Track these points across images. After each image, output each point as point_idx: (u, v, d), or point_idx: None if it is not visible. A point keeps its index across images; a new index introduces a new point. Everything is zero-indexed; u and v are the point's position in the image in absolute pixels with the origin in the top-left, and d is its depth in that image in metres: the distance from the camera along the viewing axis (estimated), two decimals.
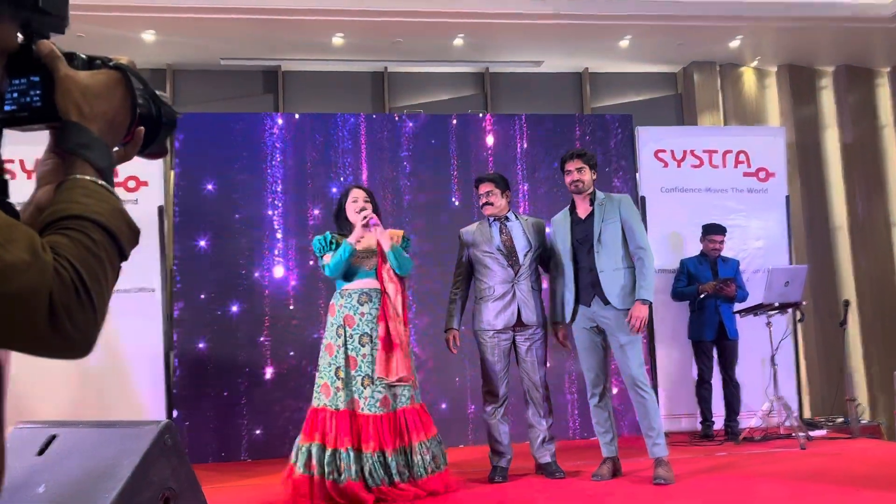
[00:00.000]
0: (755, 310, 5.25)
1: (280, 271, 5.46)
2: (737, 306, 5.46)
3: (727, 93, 7.72)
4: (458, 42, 6.95)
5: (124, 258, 0.72)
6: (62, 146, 0.75)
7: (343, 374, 3.64)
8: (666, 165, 6.13)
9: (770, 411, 5.23)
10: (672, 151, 6.15)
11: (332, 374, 3.66)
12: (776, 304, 5.11)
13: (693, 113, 7.61)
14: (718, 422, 5.49)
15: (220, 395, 5.24)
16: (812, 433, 5.25)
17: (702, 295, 5.41)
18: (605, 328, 3.93)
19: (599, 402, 4.00)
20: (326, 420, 3.60)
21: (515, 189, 5.78)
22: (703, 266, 5.56)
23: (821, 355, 7.26)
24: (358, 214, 3.75)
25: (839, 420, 5.94)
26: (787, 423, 5.10)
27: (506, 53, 7.30)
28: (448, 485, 3.67)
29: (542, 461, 4.09)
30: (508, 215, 4.24)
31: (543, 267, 4.25)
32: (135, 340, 5.20)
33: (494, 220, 4.21)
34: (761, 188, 6.20)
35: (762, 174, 6.22)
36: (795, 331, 6.00)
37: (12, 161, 5.02)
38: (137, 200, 5.34)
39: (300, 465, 3.57)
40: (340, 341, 3.69)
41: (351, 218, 3.81)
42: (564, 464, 4.16)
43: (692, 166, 6.15)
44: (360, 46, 6.95)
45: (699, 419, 5.53)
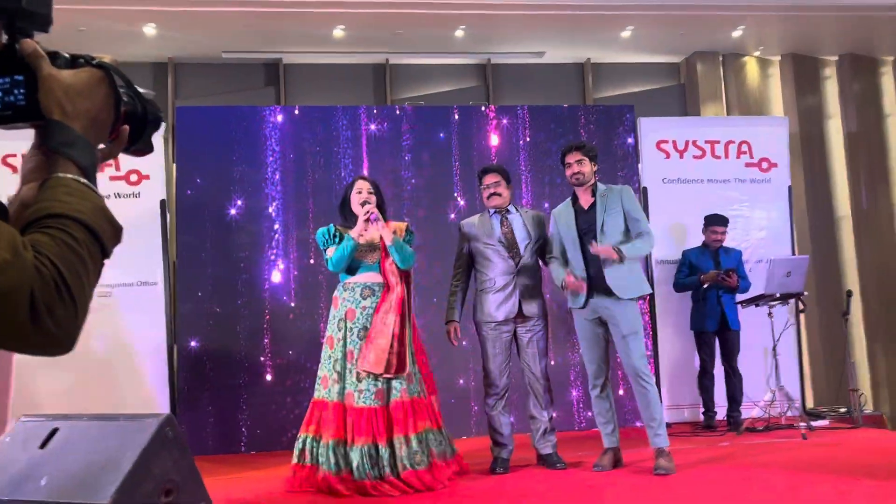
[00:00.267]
0: (757, 300, 5.25)
1: (280, 265, 5.47)
2: (739, 297, 5.46)
3: (730, 83, 7.69)
4: (460, 33, 6.93)
5: (106, 256, 0.73)
6: (46, 144, 0.76)
7: (340, 367, 3.66)
8: (668, 156, 6.12)
9: (772, 402, 5.23)
10: (674, 142, 6.14)
11: (330, 367, 3.69)
12: (777, 295, 5.11)
13: (696, 103, 7.58)
14: (721, 412, 5.49)
15: (221, 389, 5.26)
16: (814, 423, 5.26)
17: (704, 285, 5.41)
18: (608, 319, 3.94)
19: (601, 394, 4.01)
20: (322, 412, 3.64)
21: (518, 181, 5.78)
22: (705, 257, 5.56)
23: (824, 346, 7.25)
24: (361, 207, 3.76)
25: (842, 410, 5.94)
26: (789, 414, 5.10)
27: (507, 44, 7.27)
28: (438, 478, 3.59)
29: (544, 452, 4.11)
30: (510, 207, 4.25)
31: (543, 259, 4.26)
32: (138, 334, 5.24)
33: (496, 213, 4.22)
34: (764, 178, 6.19)
35: (765, 164, 6.20)
36: (798, 321, 5.99)
37: (14, 155, 5.03)
38: (139, 194, 5.36)
39: (295, 455, 3.66)
40: (341, 334, 3.70)
41: (355, 209, 3.82)
42: (567, 455, 4.18)
43: (694, 157, 6.14)
44: (362, 38, 6.94)
45: (701, 410, 5.54)
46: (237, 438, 5.23)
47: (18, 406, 3.24)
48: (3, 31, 0.76)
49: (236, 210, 5.47)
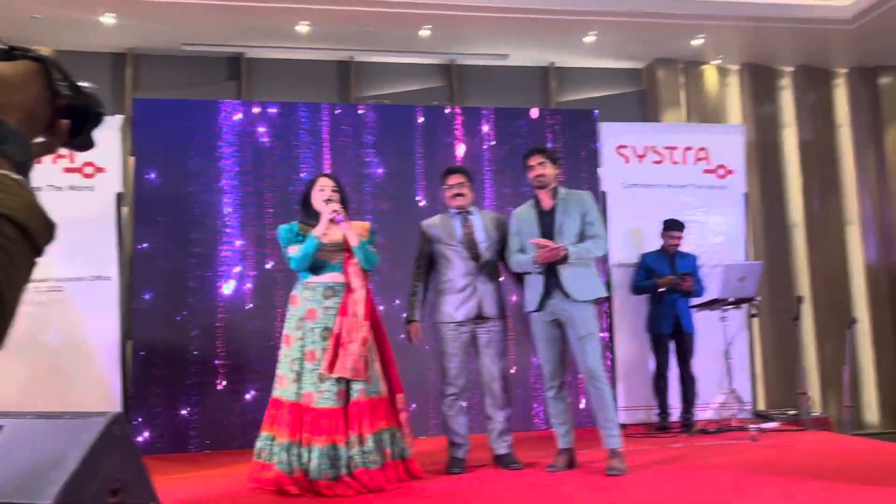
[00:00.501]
0: (711, 305, 5.36)
1: (236, 263, 5.41)
2: (693, 301, 5.56)
3: (690, 90, 7.82)
4: (425, 33, 6.93)
5: (38, 254, 0.71)
6: None
7: (297, 367, 3.63)
8: (628, 161, 6.20)
9: (724, 404, 5.34)
10: (634, 147, 6.23)
11: (287, 367, 3.66)
12: (731, 300, 5.21)
13: (656, 109, 7.70)
14: (675, 414, 5.59)
15: (173, 387, 5.18)
16: (764, 425, 5.38)
17: (660, 289, 5.49)
18: (565, 321, 3.97)
19: (557, 395, 4.05)
20: (278, 411, 3.61)
21: (480, 182, 5.80)
22: (662, 261, 5.65)
23: (775, 350, 7.42)
24: (325, 204, 3.72)
25: (791, 413, 6.10)
26: (741, 416, 5.21)
27: (472, 46, 7.29)
28: (390, 479, 3.60)
29: (499, 452, 4.13)
30: (471, 209, 4.27)
31: (503, 261, 4.28)
32: (91, 329, 5.13)
33: (457, 213, 4.23)
34: (720, 185, 6.31)
35: (721, 171, 6.32)
36: (750, 326, 6.13)
37: None
38: (94, 187, 5.25)
39: (255, 453, 3.63)
40: (300, 333, 3.67)
41: (317, 207, 3.78)
42: (524, 455, 4.21)
43: (653, 162, 6.24)
44: (326, 35, 6.89)
45: (656, 411, 5.63)
46: (188, 438, 5.16)
47: None
48: None
49: (193, 205, 5.39)
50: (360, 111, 5.83)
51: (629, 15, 6.77)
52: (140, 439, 4.92)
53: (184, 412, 5.17)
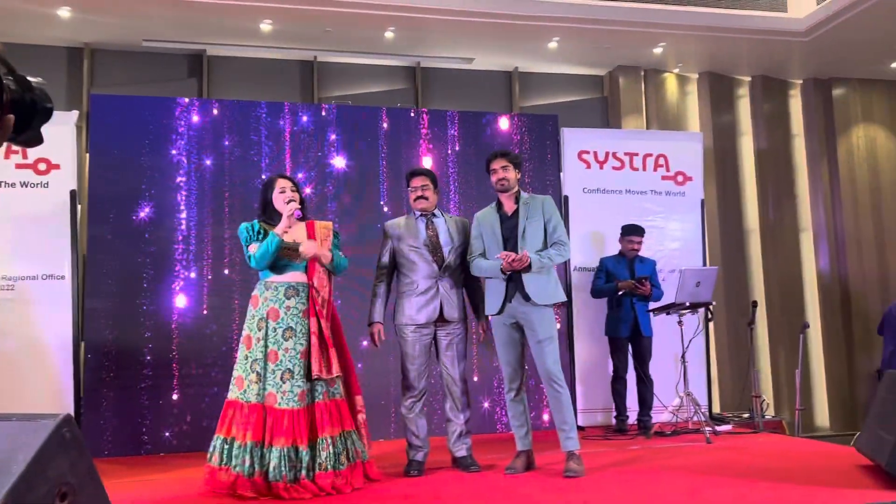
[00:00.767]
0: (668, 309, 5.44)
1: (192, 263, 5.32)
2: (651, 305, 5.64)
3: (650, 97, 7.95)
4: (390, 35, 6.93)
5: None
6: None
7: (259, 368, 3.59)
8: (589, 166, 6.28)
9: (680, 406, 5.43)
10: (595, 153, 6.30)
11: (248, 367, 3.61)
12: (687, 304, 5.30)
13: (618, 116, 7.80)
14: (632, 416, 5.66)
15: (126, 389, 5.07)
16: (719, 428, 5.49)
17: (620, 292, 5.56)
18: (525, 324, 4.00)
19: (515, 397, 4.07)
20: (236, 413, 3.56)
21: (446, 184, 5.81)
22: (621, 265, 5.72)
23: (730, 353, 7.57)
24: (287, 205, 3.71)
25: (745, 416, 6.22)
26: (696, 418, 5.30)
27: (437, 49, 7.32)
28: (350, 482, 3.58)
29: (458, 455, 4.14)
30: (435, 211, 4.27)
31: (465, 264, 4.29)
32: (44, 329, 5.01)
33: (421, 215, 4.23)
34: (679, 191, 6.42)
35: (680, 178, 6.43)
36: (707, 330, 6.24)
37: None
38: (48, 184, 5.13)
39: (209, 457, 3.58)
40: (261, 334, 3.63)
41: (279, 208, 3.77)
42: (484, 457, 4.23)
43: (614, 168, 6.33)
44: (289, 34, 6.85)
45: (614, 414, 5.70)
46: (142, 440, 5.06)
47: None
48: None
49: (149, 204, 5.29)
50: (323, 112, 5.79)
51: (591, 22, 6.86)
52: (92, 442, 4.81)
53: (137, 415, 5.07)
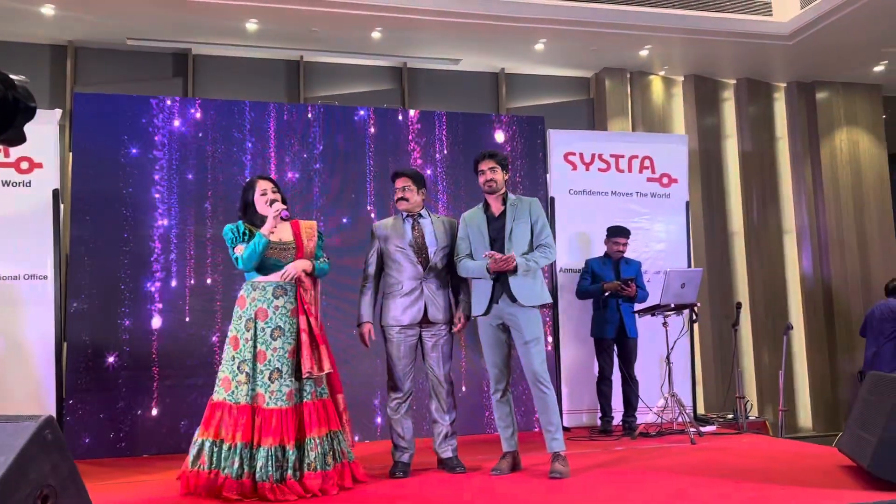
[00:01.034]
0: (653, 310, 5.46)
1: (174, 264, 5.28)
2: (636, 306, 5.67)
3: (636, 99, 7.99)
4: (377, 35, 6.92)
5: None
6: None
7: (248, 368, 3.57)
8: (575, 168, 6.30)
9: (665, 407, 5.46)
10: (581, 154, 6.33)
11: (235, 368, 3.58)
12: (672, 305, 5.33)
13: (604, 118, 7.84)
14: (617, 417, 5.68)
15: (109, 390, 5.03)
16: (703, 429, 5.52)
17: (606, 293, 5.58)
18: (511, 325, 4.00)
19: (501, 398, 4.08)
20: (224, 414, 3.53)
21: (433, 185, 5.81)
22: (607, 267, 5.74)
23: (714, 354, 7.62)
24: (269, 207, 3.70)
25: (729, 416, 6.26)
26: (680, 419, 5.33)
27: (424, 50, 7.31)
28: (336, 482, 3.58)
29: (444, 456, 4.14)
30: (422, 212, 4.26)
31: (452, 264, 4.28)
32: (26, 329, 4.96)
33: (408, 216, 4.22)
34: (664, 193, 6.46)
35: (665, 180, 6.47)
36: (691, 331, 6.28)
37: None
38: (30, 183, 5.08)
39: (191, 460, 3.53)
40: (249, 334, 3.61)
41: (261, 210, 3.74)
42: (470, 458, 4.23)
43: (600, 170, 6.35)
44: (276, 33, 6.82)
45: (599, 415, 5.71)
46: (124, 442, 5.02)
47: None
48: None
49: (132, 203, 5.25)
50: (309, 112, 5.77)
51: (578, 24, 6.88)
52: (75, 444, 4.76)
53: (120, 416, 5.03)
